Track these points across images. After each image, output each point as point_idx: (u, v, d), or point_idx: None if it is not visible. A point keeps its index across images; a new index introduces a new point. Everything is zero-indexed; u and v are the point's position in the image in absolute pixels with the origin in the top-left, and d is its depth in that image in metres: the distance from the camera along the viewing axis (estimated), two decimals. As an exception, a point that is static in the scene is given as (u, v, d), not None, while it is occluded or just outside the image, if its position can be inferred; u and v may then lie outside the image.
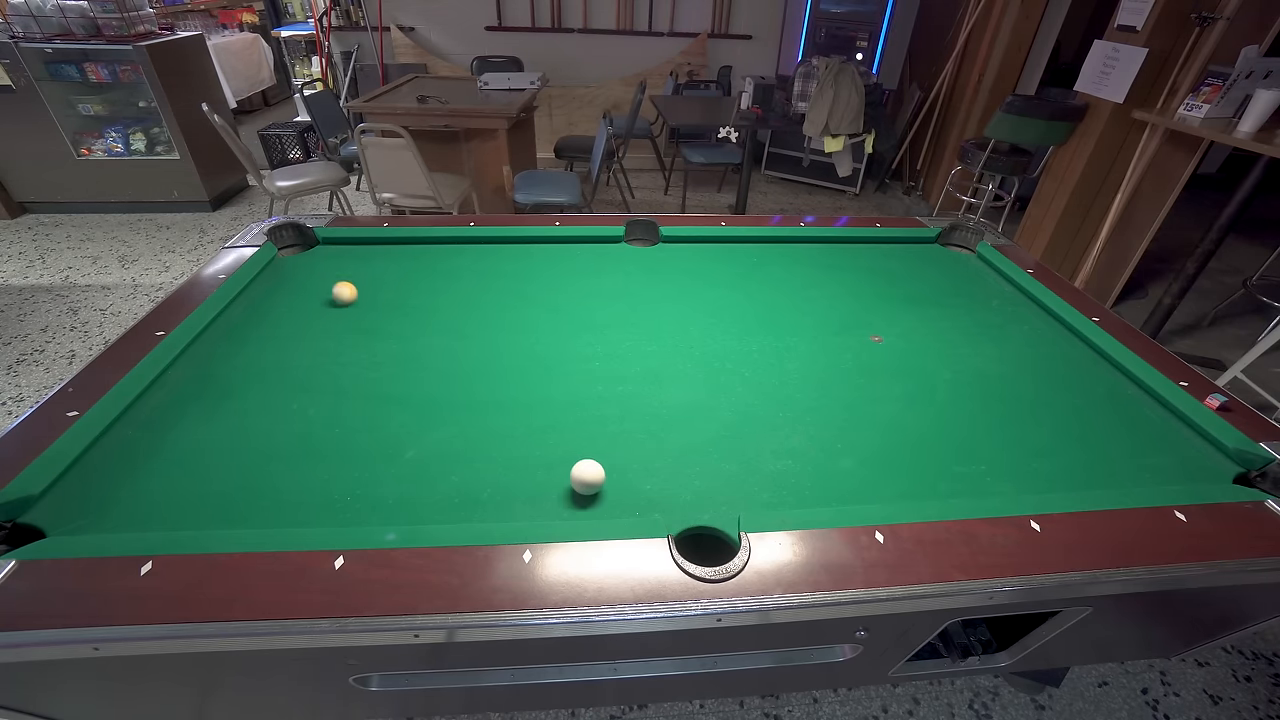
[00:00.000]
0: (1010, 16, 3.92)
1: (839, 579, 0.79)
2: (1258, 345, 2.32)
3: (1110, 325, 1.37)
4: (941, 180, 4.37)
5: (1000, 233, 1.84)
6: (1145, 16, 2.72)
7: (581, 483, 0.92)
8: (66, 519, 0.86)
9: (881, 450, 1.06)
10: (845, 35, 4.68)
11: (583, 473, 0.92)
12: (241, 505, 0.91)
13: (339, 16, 4.92)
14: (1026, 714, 1.51)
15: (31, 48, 3.39)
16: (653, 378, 1.22)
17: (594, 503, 0.93)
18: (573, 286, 1.54)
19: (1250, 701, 1.57)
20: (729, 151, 4.24)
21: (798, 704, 1.52)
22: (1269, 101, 2.28)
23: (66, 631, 0.70)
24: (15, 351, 2.70)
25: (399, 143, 2.81)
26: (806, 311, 1.47)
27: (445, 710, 1.36)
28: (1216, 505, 0.92)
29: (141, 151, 3.90)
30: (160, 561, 0.77)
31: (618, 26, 5.02)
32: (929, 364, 1.29)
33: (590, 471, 0.92)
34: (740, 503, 0.93)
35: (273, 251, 1.60)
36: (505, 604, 0.75)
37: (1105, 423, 1.14)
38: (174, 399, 1.11)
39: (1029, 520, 0.88)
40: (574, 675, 1.01)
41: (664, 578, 0.78)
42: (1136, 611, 1.02)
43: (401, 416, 1.09)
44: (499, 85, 3.71)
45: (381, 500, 0.92)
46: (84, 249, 3.61)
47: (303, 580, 0.76)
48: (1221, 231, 2.57)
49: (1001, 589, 0.80)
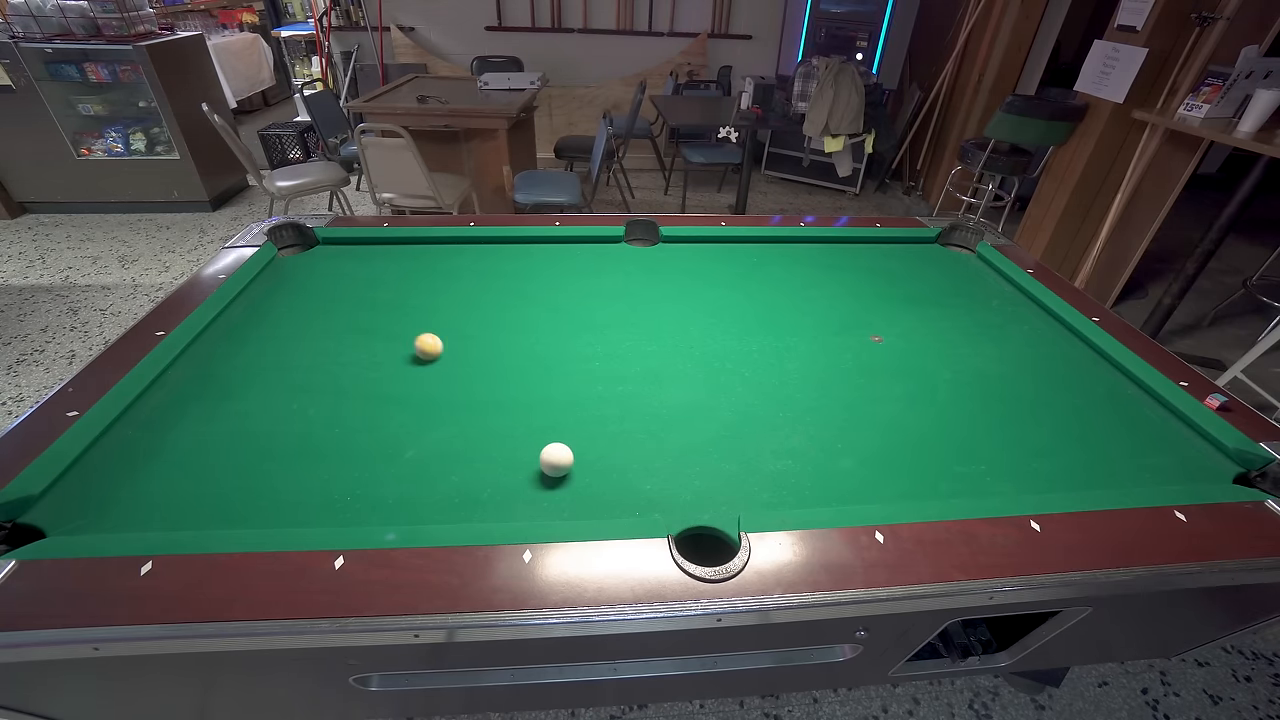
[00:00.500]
0: (1010, 16, 3.92)
1: (839, 579, 0.79)
2: (1258, 345, 2.32)
3: (1110, 325, 1.37)
4: (941, 180, 4.37)
5: (1000, 233, 1.84)
6: (1145, 16, 2.72)
7: (550, 465, 0.95)
8: (66, 519, 0.86)
9: (881, 450, 1.06)
10: (845, 35, 4.67)
11: (552, 455, 0.95)
12: (241, 505, 0.91)
13: (339, 16, 4.92)
14: (1026, 714, 1.51)
15: (31, 48, 3.39)
16: (653, 378, 1.22)
17: (594, 503, 0.93)
18: (573, 286, 1.54)
19: (1250, 701, 1.57)
20: (729, 151, 4.24)
21: (798, 704, 1.52)
22: (1269, 101, 2.28)
23: (66, 631, 0.70)
24: (15, 351, 2.70)
25: (399, 143, 2.81)
26: (806, 311, 1.47)
27: (445, 710, 1.36)
28: (1216, 505, 0.92)
29: (141, 151, 3.90)
30: (160, 561, 0.77)
31: (618, 26, 5.02)
32: (929, 364, 1.29)
33: (558, 454, 0.95)
34: (740, 503, 0.93)
35: (273, 251, 1.60)
36: (505, 604, 0.75)
37: (1105, 423, 1.14)
38: (174, 399, 1.11)
39: (1029, 520, 0.88)
40: (574, 675, 1.01)
41: (664, 578, 0.78)
42: (1136, 611, 1.02)
43: (401, 416, 1.09)
44: (499, 85, 3.71)
45: (381, 500, 0.92)
46: (84, 249, 3.61)
47: (303, 580, 0.76)
48: (1221, 231, 2.57)
49: (1001, 589, 0.80)
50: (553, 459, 0.95)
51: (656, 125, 4.82)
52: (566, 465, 0.96)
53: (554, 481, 0.96)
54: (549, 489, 0.95)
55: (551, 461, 0.95)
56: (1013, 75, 4.11)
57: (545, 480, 0.97)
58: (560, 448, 0.96)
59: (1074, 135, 3.19)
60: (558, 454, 0.95)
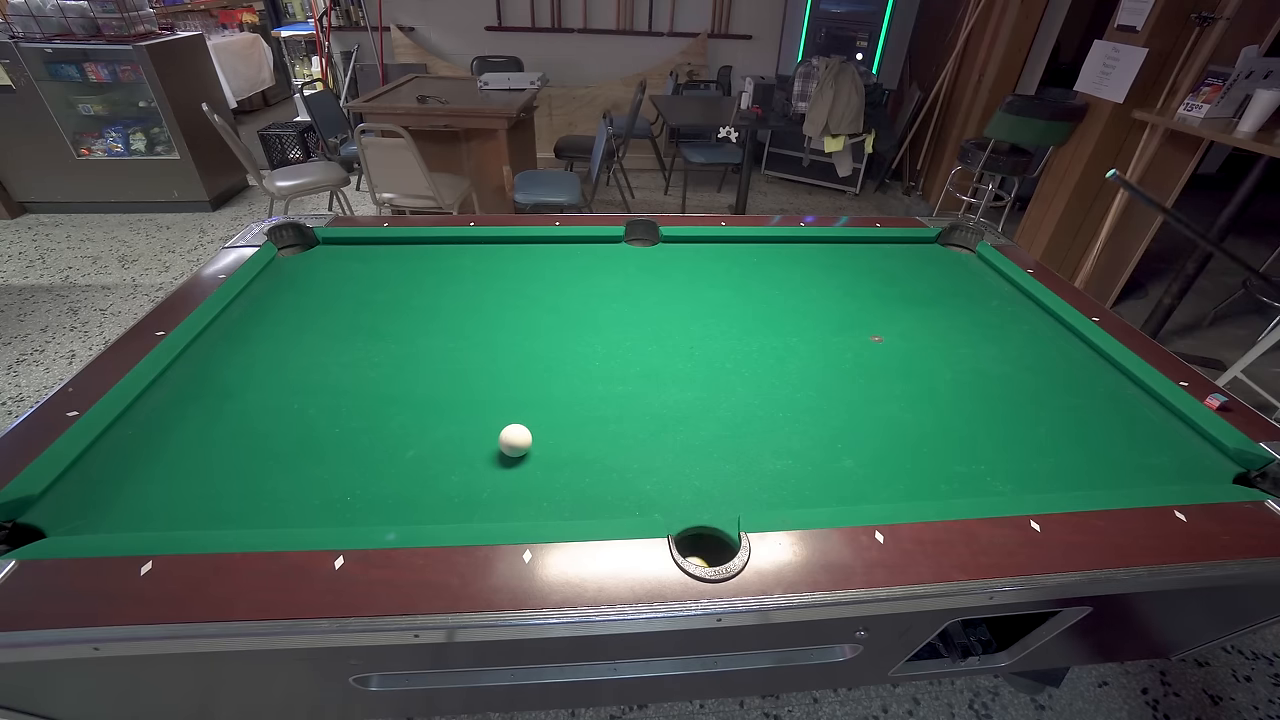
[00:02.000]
0: (1010, 16, 3.92)
1: (839, 579, 0.79)
2: (1257, 345, 2.32)
3: (1110, 325, 1.37)
4: (941, 180, 4.37)
5: (1000, 233, 1.84)
6: (1145, 16, 2.72)
7: (508, 445, 0.99)
8: (66, 519, 0.86)
9: (881, 450, 1.06)
10: (845, 35, 4.67)
11: (510, 436, 0.99)
12: (241, 505, 0.91)
13: (339, 16, 4.92)
14: (1026, 714, 1.51)
15: (31, 48, 3.39)
16: (652, 377, 1.22)
17: (594, 503, 0.93)
18: (573, 286, 1.54)
19: (1250, 702, 1.57)
20: (729, 151, 4.24)
21: (798, 704, 1.52)
22: (1269, 101, 2.28)
23: (67, 631, 0.70)
24: (15, 351, 2.70)
25: (399, 143, 2.81)
26: (806, 311, 1.47)
27: (445, 710, 1.36)
28: (1216, 505, 0.92)
29: (141, 151, 3.90)
30: (160, 561, 0.77)
31: (617, 27, 5.02)
32: (929, 364, 1.29)
33: (516, 435, 0.99)
34: (740, 503, 0.93)
35: (273, 251, 1.60)
36: (505, 604, 0.75)
37: (1105, 423, 1.14)
38: (174, 399, 1.11)
39: (1029, 520, 0.88)
40: (574, 675, 1.01)
41: (664, 578, 0.78)
42: (1136, 611, 1.02)
43: (401, 416, 1.09)
44: (499, 85, 3.71)
45: (382, 500, 0.92)
46: (84, 249, 3.61)
47: (303, 580, 0.76)
48: (1221, 231, 2.57)
49: (1001, 589, 0.80)
50: (511, 439, 0.99)
51: (656, 125, 4.82)
52: (525, 446, 0.99)
53: (554, 482, 0.96)
54: (549, 489, 0.95)
55: (510, 442, 0.99)
56: (1013, 75, 4.11)
57: (545, 480, 0.97)
58: (518, 428, 1.00)
59: (1074, 135, 3.19)
60: (516, 435, 0.99)
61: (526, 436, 1.00)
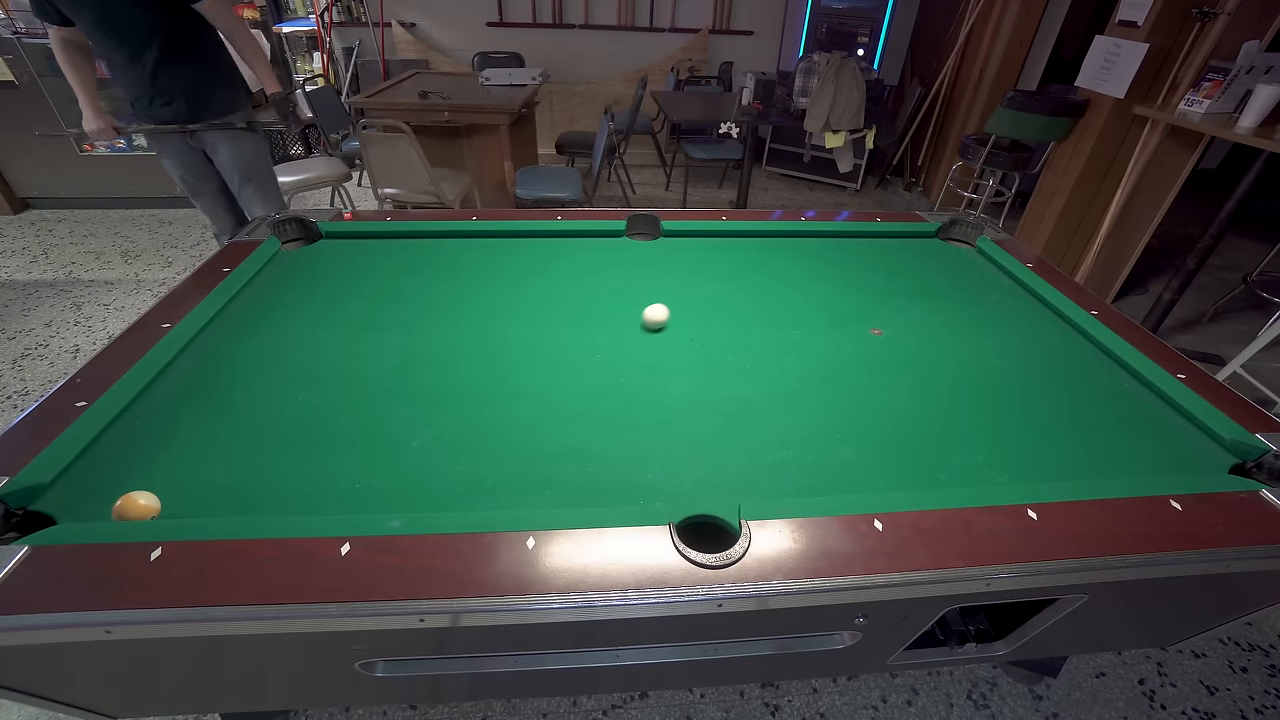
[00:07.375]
0: (1011, 12, 3.92)
1: (838, 566, 0.80)
2: (1257, 340, 2.33)
3: (1109, 319, 1.38)
4: (942, 176, 4.37)
5: (1001, 228, 1.85)
6: (1146, 12, 2.72)
7: (651, 321, 1.32)
8: (76, 506, 0.87)
9: (881, 441, 1.07)
10: (846, 31, 4.67)
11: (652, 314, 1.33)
12: (248, 493, 0.92)
13: (340, 12, 4.92)
14: (1024, 704, 1.53)
15: (34, 43, 3.39)
16: (654, 369, 1.23)
17: (597, 491, 0.94)
18: (575, 280, 1.54)
19: (1246, 692, 1.58)
20: (730, 147, 4.24)
21: (797, 693, 1.53)
22: (1270, 97, 2.28)
23: (79, 615, 0.71)
24: (20, 346, 2.72)
25: (401, 138, 2.82)
26: (807, 305, 1.48)
27: (449, 696, 1.37)
28: (1212, 495, 0.93)
29: (144, 147, 3.90)
30: (169, 548, 0.78)
31: (619, 22, 5.02)
32: (929, 356, 1.30)
33: (656, 312, 1.33)
34: (741, 491, 0.94)
35: (276, 245, 1.61)
36: (509, 589, 0.76)
37: (1103, 414, 1.15)
38: (180, 390, 1.12)
39: (1026, 509, 0.89)
40: (576, 662, 1.02)
41: (665, 564, 0.79)
42: (1133, 599, 1.03)
43: (406, 407, 1.10)
44: (500, 81, 3.72)
45: (387, 488, 0.93)
46: (87, 244, 3.62)
47: (310, 566, 0.77)
48: (1221, 227, 2.58)
49: (999, 576, 0.81)
50: (653, 316, 1.32)
51: (657, 121, 4.82)
52: (661, 320, 1.33)
53: (557, 470, 0.97)
54: (552, 477, 0.96)
55: (652, 318, 1.32)
56: (1014, 71, 4.11)
57: (548, 469, 0.98)
58: (658, 307, 1.33)
59: (1075, 131, 3.19)
60: (656, 312, 1.33)
61: (663, 313, 1.32)
